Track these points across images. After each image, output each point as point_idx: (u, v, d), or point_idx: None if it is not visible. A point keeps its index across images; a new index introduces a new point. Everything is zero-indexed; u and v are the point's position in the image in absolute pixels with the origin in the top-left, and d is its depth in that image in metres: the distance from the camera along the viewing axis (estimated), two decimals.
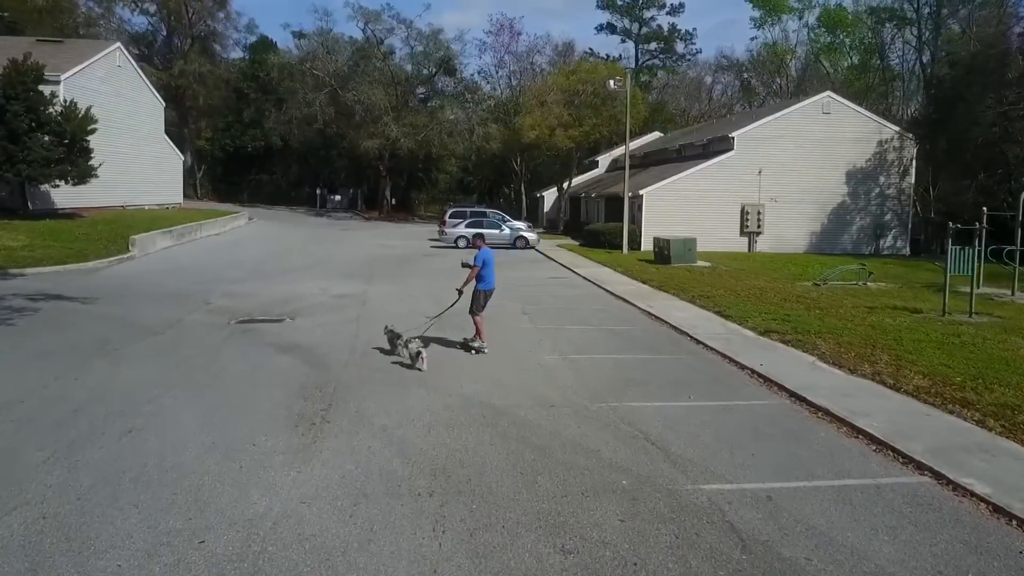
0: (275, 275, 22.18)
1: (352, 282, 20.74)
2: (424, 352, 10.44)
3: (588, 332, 13.67)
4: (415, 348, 10.43)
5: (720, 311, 15.69)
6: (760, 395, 9.52)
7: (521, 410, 8.56)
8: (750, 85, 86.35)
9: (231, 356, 11.12)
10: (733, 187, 33.77)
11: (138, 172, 36.84)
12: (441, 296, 15.03)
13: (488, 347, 11.70)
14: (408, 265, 25.83)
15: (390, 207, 62.35)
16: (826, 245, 34.65)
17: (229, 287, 19.24)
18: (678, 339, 13.18)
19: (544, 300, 17.88)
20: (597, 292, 19.75)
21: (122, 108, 35.26)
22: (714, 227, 33.08)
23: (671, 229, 31.59)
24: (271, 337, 12.69)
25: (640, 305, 16.66)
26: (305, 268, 24.24)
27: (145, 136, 38.34)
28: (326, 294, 18.36)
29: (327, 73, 57.29)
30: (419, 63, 60.06)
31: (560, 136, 40.77)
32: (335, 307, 16.36)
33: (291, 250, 30.85)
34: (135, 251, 24.34)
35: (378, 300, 17.37)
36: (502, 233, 35.07)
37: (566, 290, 20.15)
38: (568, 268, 25.43)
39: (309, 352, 11.50)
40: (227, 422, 7.92)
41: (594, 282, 21.29)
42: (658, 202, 33.61)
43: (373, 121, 55.32)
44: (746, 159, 33.72)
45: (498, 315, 15.26)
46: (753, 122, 34.94)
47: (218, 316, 14.88)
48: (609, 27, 74.77)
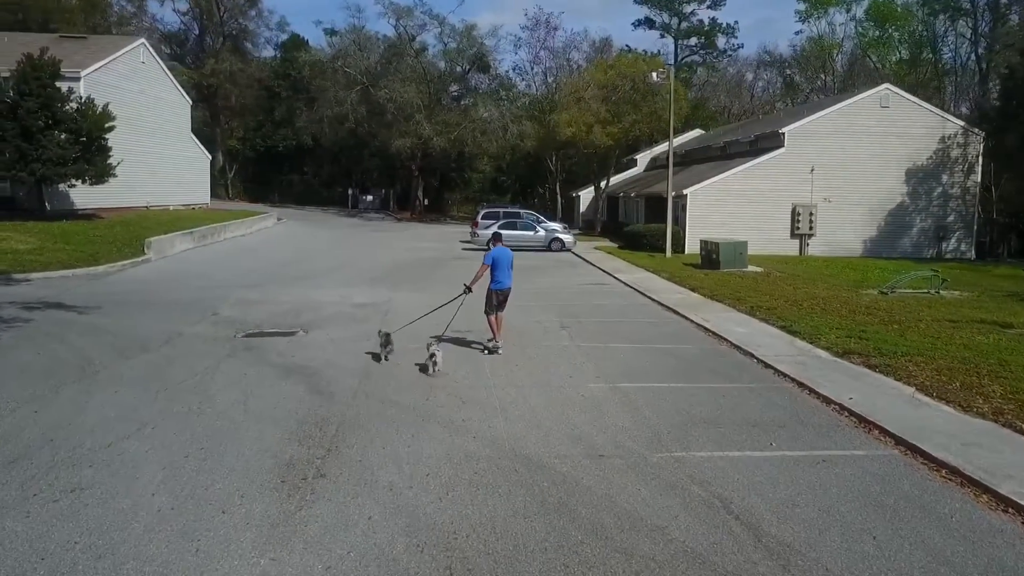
0: (295, 280, 20.79)
1: (376, 288, 19.25)
2: (438, 355, 10.03)
3: (637, 352, 11.90)
4: (431, 351, 10.08)
5: (786, 326, 13.81)
6: (859, 441, 7.69)
7: (563, 462, 6.86)
8: (793, 82, 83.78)
9: (225, 381, 9.61)
10: (783, 186, 31.66)
11: (163, 171, 35.92)
12: (473, 305, 13.41)
13: (503, 346, 11.52)
14: (438, 269, 24.26)
15: (422, 207, 61.03)
16: (883, 249, 32.34)
17: (243, 294, 17.87)
18: (743, 362, 11.35)
19: (584, 312, 16.14)
20: (643, 302, 17.94)
21: (146, 106, 34.35)
22: (763, 229, 31.01)
23: (716, 231, 29.69)
24: (276, 355, 11.18)
25: (693, 318, 14.84)
26: (328, 273, 22.84)
27: (171, 134, 37.43)
28: (346, 303, 16.88)
29: (359, 71, 56.13)
30: (452, 60, 58.60)
31: (598, 133, 38.92)
32: (354, 318, 14.85)
33: (316, 253, 29.54)
34: (151, 254, 23.17)
35: (402, 310, 15.82)
36: (536, 235, 33.40)
37: (608, 299, 18.38)
38: (608, 273, 23.65)
39: (315, 376, 9.95)
40: (198, 475, 6.37)
41: (638, 290, 19.50)
42: (703, 202, 31.64)
43: (405, 119, 54.00)
44: (797, 156, 31.57)
45: (533, 329, 13.60)
46: (805, 117, 32.74)
47: (224, 328, 13.47)
48: (647, 22, 72.53)
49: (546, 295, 18.58)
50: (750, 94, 76.77)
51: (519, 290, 19.64)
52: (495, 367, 10.62)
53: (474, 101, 57.94)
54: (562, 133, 40.04)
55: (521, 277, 22.77)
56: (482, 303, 11.84)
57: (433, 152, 55.22)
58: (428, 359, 10.02)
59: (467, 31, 57.69)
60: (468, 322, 13.22)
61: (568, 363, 10.98)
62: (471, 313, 13.02)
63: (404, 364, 10.68)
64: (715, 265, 24.28)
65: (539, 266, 26.30)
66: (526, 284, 20.77)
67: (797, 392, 9.54)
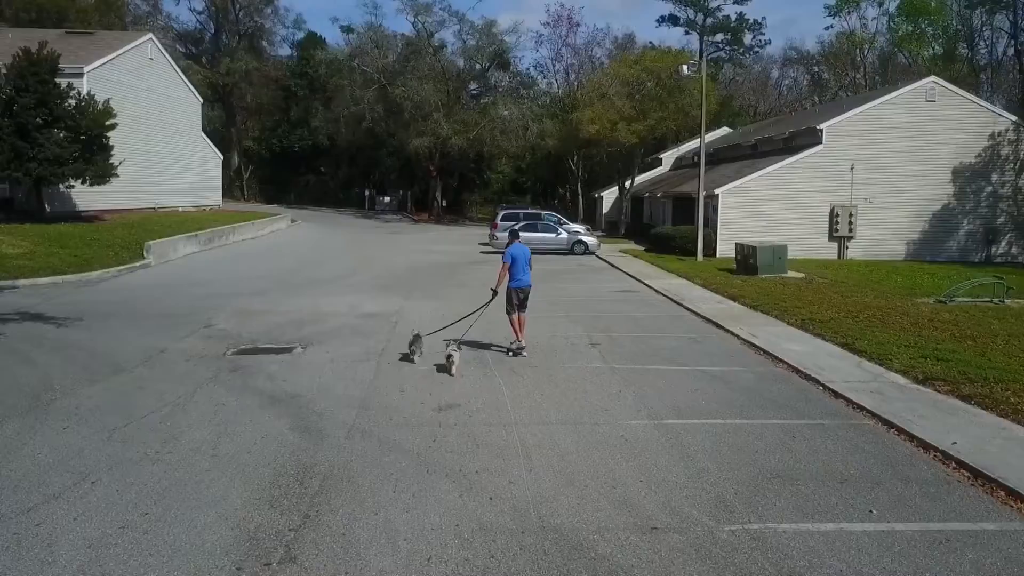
0: (302, 287, 19.39)
1: (388, 296, 17.80)
2: (456, 355, 9.98)
3: (681, 377, 10.27)
4: (448, 350, 10.06)
5: (847, 343, 12.11)
6: (983, 508, 6.02)
7: (605, 538, 5.29)
8: (821, 79, 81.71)
9: (198, 415, 8.15)
10: (821, 185, 29.80)
11: (173, 172, 34.76)
12: (493, 316, 11.95)
13: (527, 348, 11.29)
14: (455, 275, 22.78)
15: (440, 209, 59.64)
16: (927, 252, 30.36)
17: (243, 302, 16.49)
18: (807, 390, 9.69)
19: (616, 324, 14.52)
20: (679, 312, 16.29)
21: (154, 104, 33.19)
22: (799, 231, 29.17)
23: (749, 233, 27.99)
24: (265, 379, 9.73)
25: (739, 333, 13.18)
26: (338, 278, 21.44)
27: (181, 134, 36.27)
28: (354, 312, 15.44)
29: (376, 69, 54.90)
30: (471, 57, 57.18)
31: (623, 131, 37.21)
32: (360, 331, 13.38)
33: (328, 256, 28.18)
34: (150, 259, 21.88)
35: (414, 321, 14.35)
36: (559, 237, 31.84)
37: (640, 309, 16.74)
38: (637, 279, 22.02)
39: (306, 407, 8.47)
40: (128, 561, 4.86)
41: (673, 298, 17.85)
42: (736, 202, 29.88)
43: (423, 118, 52.65)
44: (836, 154, 29.70)
45: (559, 346, 12.03)
46: (844, 112, 30.83)
47: (215, 343, 12.07)
48: (671, 19, 70.58)
49: (571, 304, 17.01)
50: (777, 92, 74.59)
51: (542, 299, 18.09)
52: (517, 395, 9.08)
53: (493, 99, 56.42)
54: (585, 130, 38.38)
55: (544, 283, 21.21)
56: (503, 307, 11.52)
57: (451, 152, 53.83)
58: (447, 359, 9.98)
59: (487, 28, 56.36)
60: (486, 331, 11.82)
61: (602, 391, 9.40)
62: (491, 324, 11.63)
63: (410, 390, 9.19)
64: (752, 270, 22.57)
65: (562, 271, 24.73)
66: (549, 291, 19.22)
67: (883, 432, 7.88)
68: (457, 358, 9.93)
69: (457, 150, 53.03)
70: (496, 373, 10.17)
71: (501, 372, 10.23)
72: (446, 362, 9.96)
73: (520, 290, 11.34)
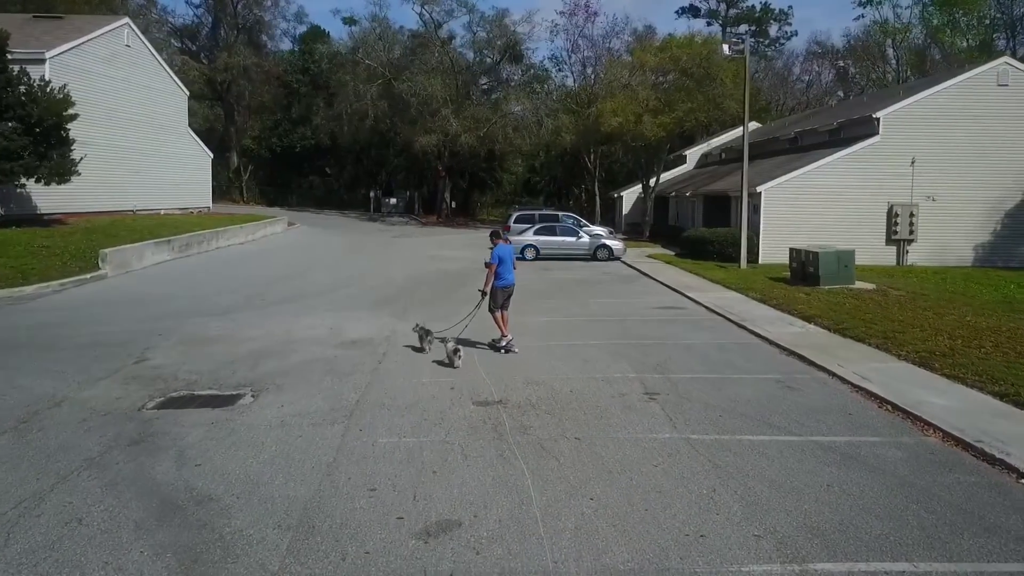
0: (280, 303, 16.17)
1: (379, 316, 14.56)
2: (461, 350, 10.11)
3: (796, 456, 6.88)
4: (451, 347, 10.21)
5: (1006, 392, 8.70)
6: None
7: None
8: (847, 73, 78.35)
9: (25, 543, 4.90)
10: (877, 182, 26.31)
11: (154, 171, 31.67)
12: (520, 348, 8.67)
13: (515, 341, 11.32)
14: (462, 287, 19.39)
15: (449, 211, 56.36)
16: (999, 257, 26.74)
17: (199, 325, 13.30)
18: (1000, 484, 6.32)
19: (671, 358, 11.13)
20: (746, 338, 12.87)
21: (132, 96, 30.09)
22: (852, 233, 25.65)
23: (797, 236, 24.74)
24: (173, 461, 6.50)
25: (841, 372, 9.79)
26: (326, 291, 18.21)
27: (164, 130, 33.17)
28: (334, 339, 12.22)
29: (380, 63, 51.68)
30: (481, 50, 53.85)
31: (648, 124, 33.77)
32: (335, 368, 10.14)
33: (322, 264, 24.98)
34: (106, 269, 18.72)
35: (404, 352, 11.09)
36: (579, 241, 28.48)
37: (695, 333, 13.33)
38: (679, 292, 18.63)
39: (212, 525, 5.21)
40: None
41: (731, 318, 14.44)
42: (780, 201, 26.45)
43: (430, 115, 49.35)
44: (894, 146, 26.21)
45: (603, 397, 8.70)
46: (902, 99, 27.26)
47: (136, 389, 8.93)
48: (691, 10, 67.26)
49: (606, 326, 13.70)
50: (804, 85, 70.97)
51: (568, 318, 14.72)
52: (551, 501, 5.75)
53: (505, 94, 53.05)
54: (606, 124, 34.94)
55: (567, 298, 17.85)
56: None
57: (461, 150, 50.49)
58: (453, 354, 10.08)
59: (498, 18, 53.03)
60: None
61: (684, 488, 6.04)
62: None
63: (384, 488, 5.91)
64: (812, 280, 19.15)
65: (587, 280, 21.40)
66: (576, 308, 15.91)
67: None
68: (461, 352, 10.06)
69: (467, 148, 49.70)
70: (515, 451, 6.86)
71: (523, 449, 6.93)
72: (448, 358, 10.10)
73: (505, 288, 11.48)
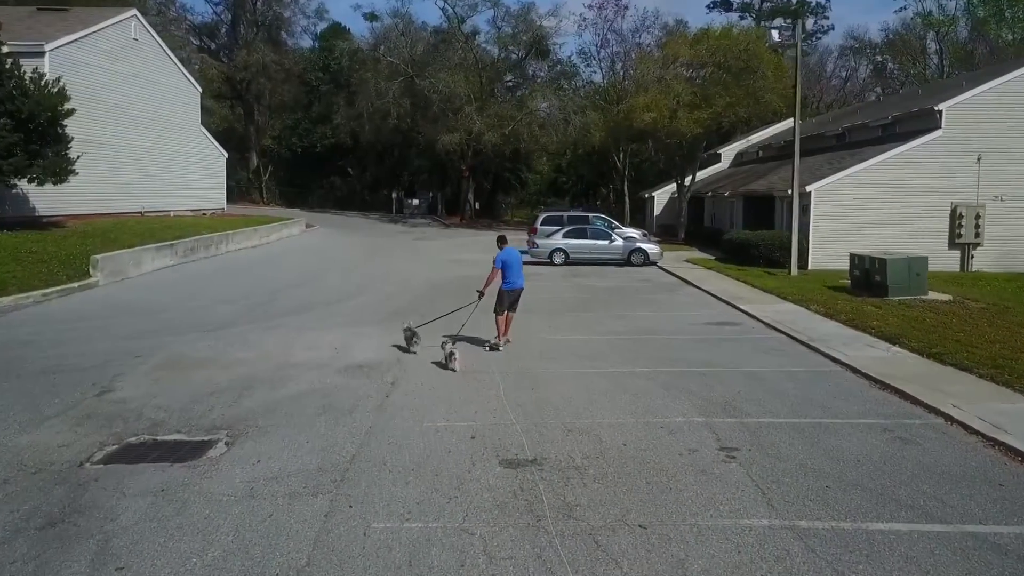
0: (282, 316, 14.47)
1: (391, 331, 12.77)
2: (457, 353, 10.01)
3: (960, 560, 4.93)
4: (448, 349, 10.11)
5: None
6: None
7: None
8: (884, 69, 75.65)
9: None
10: (939, 180, 24.03)
11: (164, 171, 30.21)
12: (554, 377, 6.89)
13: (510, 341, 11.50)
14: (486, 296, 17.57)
15: (473, 212, 54.59)
16: None
17: (187, 343, 11.62)
18: None
19: (741, 394, 9.11)
20: (823, 365, 10.76)
21: (140, 92, 28.63)
22: (911, 236, 23.48)
23: (849, 240, 22.80)
24: (86, 560, 4.73)
25: (971, 423, 7.70)
26: (336, 301, 16.49)
27: (175, 128, 31.71)
28: (336, 363, 10.46)
29: (402, 60, 50.08)
30: (506, 46, 52.01)
31: (683, 119, 31.69)
32: (329, 404, 8.36)
33: (335, 269, 23.30)
34: (98, 276, 17.12)
35: (418, 381, 9.27)
36: (612, 245, 26.52)
37: (759, 358, 11.29)
38: (729, 303, 16.60)
39: None
40: None
41: (796, 336, 12.39)
42: (832, 202, 24.26)
43: (453, 112, 47.65)
44: (959, 141, 23.90)
45: (667, 455, 6.73)
46: (967, 90, 24.89)
47: (88, 431, 7.31)
48: (723, 3, 64.66)
49: (652, 346, 11.77)
50: (841, 81, 68.25)
51: (606, 337, 12.83)
52: None
53: (531, 91, 51.15)
54: (639, 119, 32.88)
55: (604, 309, 15.87)
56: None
57: (485, 149, 48.71)
58: (447, 356, 10.03)
59: (524, 13, 51.29)
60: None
61: None
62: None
63: None
64: (878, 290, 17.03)
65: (624, 289, 19.46)
66: (612, 321, 14.01)
67: None
68: (459, 354, 10.01)
69: (491, 147, 47.90)
70: (559, 548, 4.97)
71: (570, 545, 5.03)
72: (446, 361, 10.03)
73: (512, 291, 11.63)
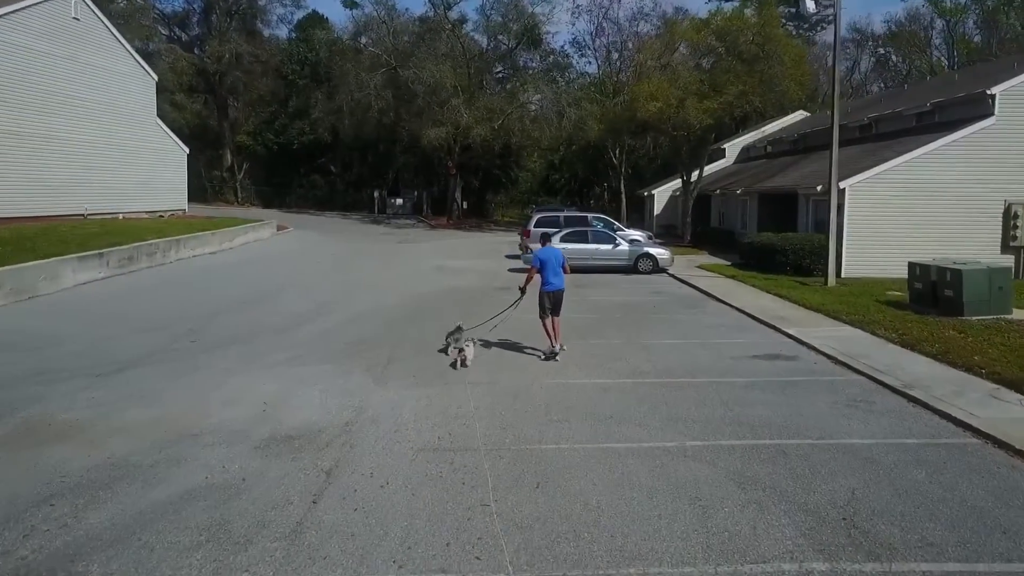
0: (211, 349, 11.28)
1: (347, 373, 9.67)
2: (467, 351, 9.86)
3: None
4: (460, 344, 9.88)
5: None
6: None
7: None
8: (888, 61, 73.61)
9: None
10: (990, 175, 21.08)
11: (112, 168, 26.97)
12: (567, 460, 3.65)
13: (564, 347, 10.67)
14: (473, 314, 14.20)
15: (461, 212, 51.45)
16: None
17: (64, 395, 8.45)
18: None
19: (860, 497, 6.05)
20: (946, 432, 7.60)
21: (82, 78, 25.38)
22: (956, 238, 20.65)
23: (887, 244, 20.44)
24: None
25: None
26: (286, 328, 13.27)
27: (126, 121, 28.42)
28: (258, 431, 7.35)
29: (385, 50, 46.91)
30: (496, 35, 48.91)
31: (691, 109, 28.68)
32: (223, 524, 5.19)
33: (299, 281, 20.12)
34: None
35: (372, 475, 6.14)
36: (616, 249, 23.42)
37: (857, 422, 8.16)
38: (768, 324, 13.49)
39: None
40: None
41: (882, 379, 9.29)
42: (868, 201, 21.27)
43: (439, 105, 44.50)
44: (1015, 130, 21.06)
45: None
46: (1021, 72, 22.01)
47: None
48: None
49: (696, 398, 8.63)
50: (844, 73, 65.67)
51: (634, 387, 9.76)
52: None
53: (522, 83, 48.03)
54: (642, 110, 29.80)
55: (616, 335, 12.64)
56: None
57: (473, 145, 45.59)
58: (457, 353, 9.83)
59: (514, 1, 48.07)
60: None
61: None
62: None
63: None
64: (950, 307, 13.98)
65: (636, 305, 16.34)
66: (632, 354, 10.95)
67: None
68: (469, 351, 9.84)
69: (480, 142, 44.79)
70: None
71: None
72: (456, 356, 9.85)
73: (552, 294, 10.83)
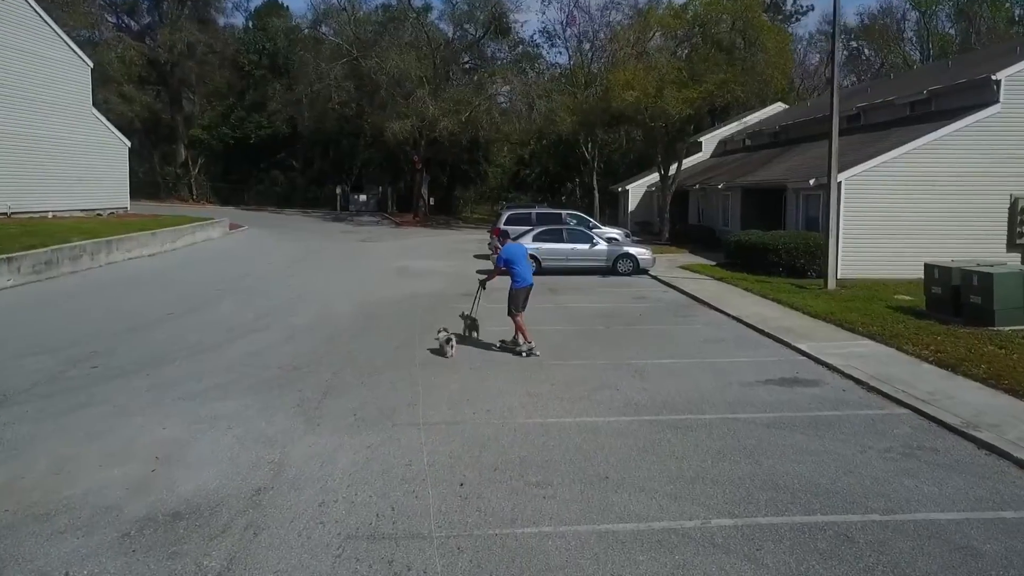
0: (109, 379, 9.17)
1: (271, 412, 7.68)
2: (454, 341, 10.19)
3: None
4: (444, 336, 10.15)
5: None
6: None
7: None
8: (860, 55, 73.39)
9: None
10: (994, 167, 19.68)
11: (40, 163, 24.47)
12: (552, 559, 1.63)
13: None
14: (431, 330, 12.10)
15: (427, 208, 49.36)
16: None
17: None
18: None
19: None
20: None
21: (2, 63, 22.83)
22: (956, 235, 19.26)
23: (883, 241, 19.07)
24: None
25: None
26: (211, 347, 11.16)
27: (56, 111, 25.91)
28: (133, 507, 5.27)
29: (346, 39, 44.62)
30: (462, 23, 46.87)
31: (670, 98, 26.90)
32: None
33: (241, 286, 17.96)
34: None
35: (280, 562, 4.22)
36: (594, 249, 21.61)
37: (929, 484, 6.37)
38: (774, 337, 11.70)
39: None
40: None
41: (941, 419, 7.52)
42: (864, 195, 19.71)
43: (403, 97, 42.37)
44: (1021, 119, 19.64)
45: None
46: None
47: None
48: None
49: (709, 446, 6.75)
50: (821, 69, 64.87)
51: (628, 426, 7.82)
52: None
53: (490, 73, 46.03)
54: (618, 99, 28.03)
55: (600, 353, 10.44)
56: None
57: (440, 138, 43.52)
58: (445, 343, 10.04)
59: None
60: None
61: None
62: None
63: None
64: (978, 315, 12.33)
65: (619, 313, 14.48)
66: (627, 383, 9.01)
67: None
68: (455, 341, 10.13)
69: (447, 136, 42.74)
70: None
71: None
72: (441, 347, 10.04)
73: (527, 288, 10.55)
